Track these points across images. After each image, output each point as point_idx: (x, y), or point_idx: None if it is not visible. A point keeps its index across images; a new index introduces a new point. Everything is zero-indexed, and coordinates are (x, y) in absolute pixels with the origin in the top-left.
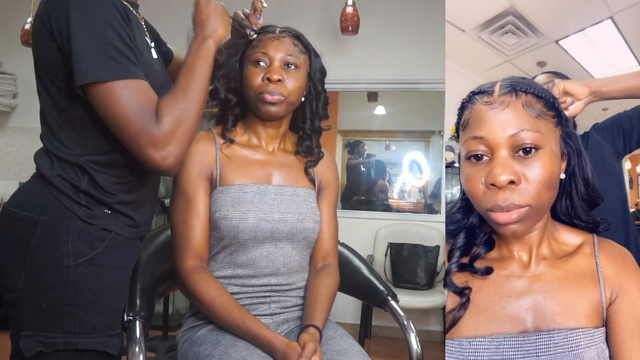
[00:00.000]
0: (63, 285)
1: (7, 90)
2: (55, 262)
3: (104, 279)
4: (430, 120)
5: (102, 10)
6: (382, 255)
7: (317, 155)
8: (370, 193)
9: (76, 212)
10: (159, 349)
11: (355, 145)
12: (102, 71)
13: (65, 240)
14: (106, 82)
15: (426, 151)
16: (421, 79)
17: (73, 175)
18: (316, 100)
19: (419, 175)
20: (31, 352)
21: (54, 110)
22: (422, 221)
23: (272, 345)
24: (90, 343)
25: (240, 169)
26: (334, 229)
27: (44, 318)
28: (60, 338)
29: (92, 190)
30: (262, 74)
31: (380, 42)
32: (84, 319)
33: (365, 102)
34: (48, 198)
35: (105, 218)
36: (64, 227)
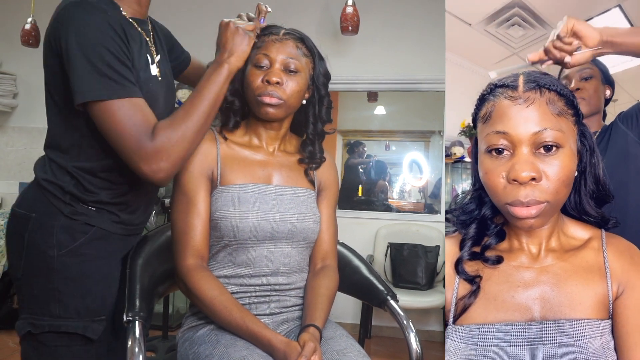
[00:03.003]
0: (49, 273)
1: (7, 90)
2: (43, 253)
3: (84, 268)
4: (430, 120)
5: (99, 32)
6: (382, 255)
7: (319, 161)
8: (371, 193)
9: (61, 209)
10: (159, 349)
11: (355, 145)
12: (98, 91)
13: (51, 233)
14: (103, 101)
15: (426, 151)
16: (421, 79)
17: (62, 178)
18: (319, 104)
19: (419, 175)
20: (22, 332)
21: (58, 118)
22: (422, 221)
23: (272, 344)
24: (71, 326)
25: (241, 169)
26: (333, 229)
27: (34, 302)
28: (47, 321)
29: (77, 191)
30: (262, 75)
31: (380, 42)
32: (68, 304)
33: (365, 102)
34: (39, 197)
35: (88, 214)
36: (51, 222)
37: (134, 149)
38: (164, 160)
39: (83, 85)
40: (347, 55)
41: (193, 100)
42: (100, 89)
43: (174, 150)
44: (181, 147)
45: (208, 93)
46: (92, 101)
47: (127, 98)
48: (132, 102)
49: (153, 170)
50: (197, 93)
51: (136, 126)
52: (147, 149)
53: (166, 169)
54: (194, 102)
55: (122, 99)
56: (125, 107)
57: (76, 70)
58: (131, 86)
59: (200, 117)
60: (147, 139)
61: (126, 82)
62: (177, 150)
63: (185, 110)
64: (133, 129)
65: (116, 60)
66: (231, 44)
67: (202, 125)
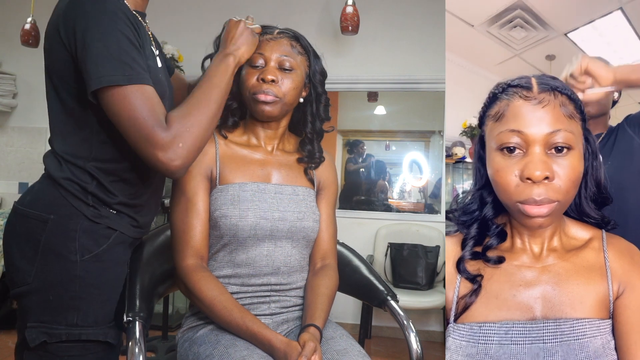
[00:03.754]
0: (69, 280)
1: (7, 90)
2: (63, 258)
3: (107, 274)
4: (430, 120)
5: (115, 19)
6: (382, 255)
7: (318, 160)
8: (371, 193)
9: (84, 211)
10: (159, 349)
11: (355, 145)
12: (116, 76)
13: (73, 237)
14: (120, 86)
15: (426, 151)
16: (421, 79)
17: (82, 178)
18: (317, 102)
19: (419, 175)
20: (36, 342)
21: (63, 114)
22: (422, 221)
23: (272, 344)
24: (92, 334)
25: (240, 168)
26: (332, 229)
27: (49, 310)
28: (64, 329)
29: (99, 192)
30: (257, 74)
31: (380, 42)
32: (87, 312)
33: (365, 102)
34: (57, 198)
35: (110, 218)
36: (72, 225)
37: (149, 137)
38: (180, 148)
39: (100, 71)
40: (347, 55)
41: (204, 89)
42: (118, 73)
43: (190, 138)
44: (196, 134)
45: (219, 81)
46: (108, 87)
47: (141, 85)
48: (145, 89)
49: (170, 158)
50: (206, 82)
51: (151, 113)
52: (162, 136)
53: (182, 156)
54: (205, 91)
55: (137, 84)
56: (139, 94)
57: (92, 57)
58: (145, 74)
59: (213, 105)
60: (161, 127)
61: (140, 69)
62: (193, 137)
63: (197, 99)
64: (148, 116)
65: (132, 46)
66: (240, 40)
67: (215, 112)
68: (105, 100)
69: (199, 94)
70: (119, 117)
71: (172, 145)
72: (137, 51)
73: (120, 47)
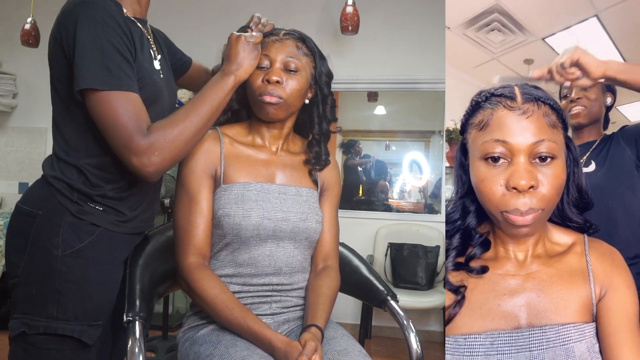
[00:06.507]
0: (50, 274)
1: (7, 90)
2: (47, 252)
3: (88, 270)
4: (430, 120)
5: (104, 26)
6: (382, 255)
7: (324, 162)
8: (371, 193)
9: (69, 208)
10: (159, 349)
11: (350, 145)
12: (97, 80)
13: (57, 232)
14: (100, 91)
15: (426, 151)
16: (421, 79)
17: (70, 175)
18: (323, 103)
19: (419, 175)
20: (15, 331)
21: (63, 113)
22: (422, 221)
23: (273, 344)
24: (68, 329)
25: (244, 167)
26: (335, 230)
27: (32, 303)
28: (43, 322)
29: (85, 188)
30: (263, 75)
31: (380, 42)
32: (66, 306)
33: (365, 102)
34: (46, 195)
35: (94, 214)
36: (57, 220)
37: (126, 142)
38: (155, 156)
39: (84, 73)
40: (347, 55)
41: (195, 103)
42: (100, 78)
43: (168, 148)
44: (175, 146)
45: (211, 99)
46: (91, 90)
47: (124, 92)
48: (129, 96)
49: (143, 163)
50: (200, 97)
51: (131, 120)
52: (139, 143)
53: (156, 164)
54: (196, 105)
55: (119, 91)
56: (122, 100)
57: (80, 59)
58: (130, 82)
59: (200, 120)
60: (141, 134)
61: (126, 77)
62: (171, 148)
63: (185, 111)
64: (127, 122)
65: (119, 55)
66: (241, 57)
67: (201, 128)
68: (89, 103)
69: (188, 107)
70: (101, 120)
71: (147, 152)
72: (123, 59)
73: (104, 54)
